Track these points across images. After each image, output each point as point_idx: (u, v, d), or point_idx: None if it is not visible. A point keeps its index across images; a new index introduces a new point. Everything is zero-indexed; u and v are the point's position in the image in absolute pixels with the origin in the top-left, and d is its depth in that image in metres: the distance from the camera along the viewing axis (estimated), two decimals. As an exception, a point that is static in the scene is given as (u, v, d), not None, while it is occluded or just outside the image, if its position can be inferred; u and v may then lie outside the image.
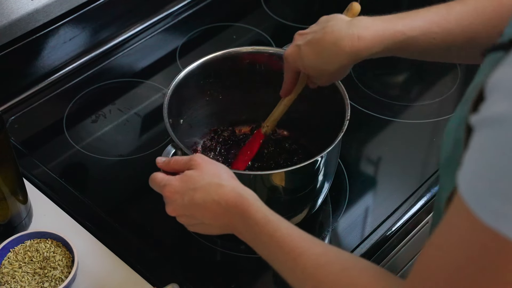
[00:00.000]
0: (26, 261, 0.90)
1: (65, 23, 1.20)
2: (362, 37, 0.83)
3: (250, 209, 0.73)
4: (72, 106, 1.19)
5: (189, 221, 0.80)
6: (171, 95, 0.96)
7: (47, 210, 1.00)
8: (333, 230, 1.00)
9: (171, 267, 0.95)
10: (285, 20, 1.37)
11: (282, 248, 0.69)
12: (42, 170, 1.07)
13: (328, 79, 0.91)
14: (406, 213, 1.02)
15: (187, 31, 1.34)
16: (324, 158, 0.90)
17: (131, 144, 1.13)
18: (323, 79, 0.90)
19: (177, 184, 0.78)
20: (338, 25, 0.85)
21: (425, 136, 1.15)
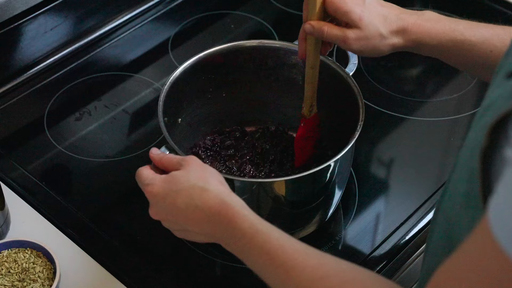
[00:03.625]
0: (3, 273, 0.90)
1: (46, 11, 1.20)
2: (421, 25, 0.86)
3: (236, 218, 0.73)
4: (53, 102, 1.19)
5: (173, 226, 0.81)
6: (168, 91, 0.96)
7: (26, 217, 1.00)
8: (341, 239, 1.00)
9: (163, 280, 0.95)
10: (288, 7, 1.37)
11: (273, 261, 0.69)
12: (21, 172, 1.07)
13: (368, 55, 0.91)
14: (421, 220, 1.02)
15: (180, 20, 1.34)
16: (337, 163, 0.90)
17: (119, 144, 1.13)
18: (363, 53, 0.91)
19: (160, 185, 0.79)
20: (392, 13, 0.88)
21: (442, 136, 1.15)
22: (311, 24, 0.88)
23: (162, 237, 0.97)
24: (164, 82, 1.01)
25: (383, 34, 0.87)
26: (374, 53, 0.90)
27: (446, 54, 0.88)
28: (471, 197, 0.54)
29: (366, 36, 0.87)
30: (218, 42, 1.05)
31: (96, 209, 1.04)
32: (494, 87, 0.57)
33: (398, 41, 0.88)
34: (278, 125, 1.09)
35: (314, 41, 0.90)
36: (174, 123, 1.00)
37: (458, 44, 0.86)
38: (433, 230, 0.69)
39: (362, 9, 0.86)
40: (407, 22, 0.87)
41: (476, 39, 0.86)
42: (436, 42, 0.87)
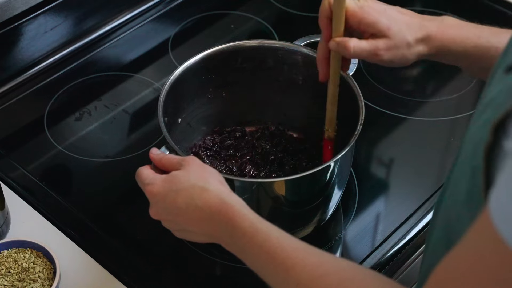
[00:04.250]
0: (3, 273, 0.90)
1: (46, 11, 1.20)
2: (445, 32, 0.84)
3: (236, 217, 0.73)
4: (53, 102, 1.19)
5: (173, 226, 0.81)
6: (168, 91, 0.96)
7: (26, 217, 1.00)
8: (341, 239, 1.00)
9: (164, 280, 0.95)
10: (289, 8, 1.37)
11: (273, 259, 0.69)
12: (21, 172, 1.07)
13: (396, 65, 0.89)
14: (421, 220, 1.02)
15: (180, 20, 1.34)
16: (337, 163, 0.90)
17: (119, 144, 1.13)
18: (393, 64, 0.88)
19: (160, 185, 0.79)
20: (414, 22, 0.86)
21: (442, 135, 1.15)
22: (336, 41, 0.84)
23: (162, 237, 0.97)
24: (164, 82, 1.01)
25: (410, 42, 0.84)
26: (401, 63, 0.87)
27: (469, 60, 0.86)
28: (474, 194, 0.54)
29: (396, 45, 0.84)
30: (218, 42, 1.05)
31: (96, 209, 1.04)
32: (493, 84, 0.57)
33: (423, 48, 0.86)
34: (278, 125, 1.09)
35: (339, 58, 0.87)
36: (174, 123, 1.00)
37: (484, 50, 0.84)
38: (433, 229, 0.69)
39: (387, 17, 0.84)
40: (430, 29, 0.85)
41: (502, 45, 0.84)
42: (461, 48, 0.84)
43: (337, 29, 0.84)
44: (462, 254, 0.51)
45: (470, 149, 0.56)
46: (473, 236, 0.50)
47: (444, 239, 0.63)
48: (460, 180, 0.58)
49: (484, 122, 0.53)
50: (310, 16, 0.95)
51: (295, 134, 1.08)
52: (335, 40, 0.85)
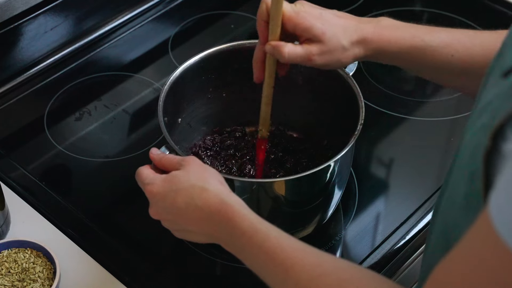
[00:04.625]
0: (3, 273, 0.90)
1: (46, 11, 1.20)
2: (381, 34, 0.85)
3: (235, 217, 0.73)
4: (53, 102, 1.19)
5: (172, 226, 0.81)
6: (168, 91, 0.96)
7: (26, 217, 1.00)
8: (341, 239, 1.00)
9: (164, 281, 0.95)
10: (288, 7, 1.37)
11: (272, 260, 0.69)
12: (21, 172, 1.07)
13: (330, 68, 0.89)
14: (421, 220, 1.02)
15: (180, 20, 1.34)
16: (337, 163, 0.90)
17: (119, 144, 1.13)
18: (326, 67, 0.88)
19: (160, 185, 0.79)
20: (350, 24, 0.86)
21: (442, 135, 1.15)
22: (272, 44, 0.84)
23: (162, 237, 0.97)
24: (164, 82, 1.01)
25: (345, 46, 0.84)
26: (336, 66, 0.87)
27: (407, 60, 0.87)
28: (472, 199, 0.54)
29: (330, 50, 0.84)
30: (218, 42, 1.05)
31: (96, 209, 1.04)
32: (489, 87, 0.57)
33: (359, 51, 0.86)
34: (278, 125, 1.09)
35: (274, 61, 0.88)
36: (174, 123, 1.00)
37: (419, 50, 0.85)
38: (432, 231, 0.69)
39: (322, 22, 0.84)
40: (366, 31, 0.85)
41: (437, 44, 0.84)
42: (396, 49, 0.85)
43: (273, 33, 0.84)
44: (461, 256, 0.52)
45: (467, 154, 0.56)
46: (473, 237, 0.50)
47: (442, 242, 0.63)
48: (458, 184, 0.58)
49: (481, 126, 0.53)
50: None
51: (295, 134, 1.08)
52: (271, 44, 0.85)
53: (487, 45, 0.84)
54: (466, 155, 0.56)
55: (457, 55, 0.84)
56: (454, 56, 0.84)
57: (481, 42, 0.84)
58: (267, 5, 0.84)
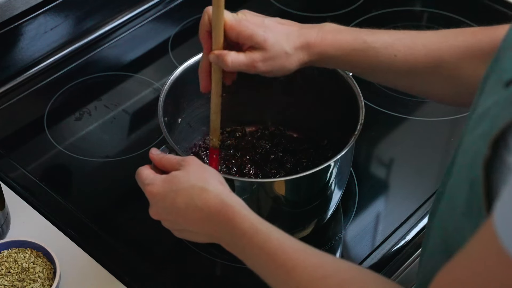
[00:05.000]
0: (3, 273, 0.90)
1: (46, 10, 1.20)
2: (323, 38, 0.85)
3: (236, 218, 0.73)
4: (53, 102, 1.19)
5: (173, 226, 0.81)
6: (168, 91, 0.96)
7: (26, 217, 1.00)
8: (341, 239, 1.00)
9: (164, 281, 0.95)
10: (288, 7, 1.37)
11: (274, 261, 0.69)
12: (21, 172, 1.07)
13: (274, 74, 0.89)
14: (421, 220, 1.02)
15: (180, 20, 1.34)
16: (337, 163, 0.90)
17: (119, 144, 1.13)
18: (271, 74, 0.88)
19: (160, 185, 0.79)
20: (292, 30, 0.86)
21: (442, 135, 1.15)
22: (216, 54, 0.85)
23: (162, 237, 0.97)
24: (164, 82, 1.01)
25: (288, 51, 0.85)
26: (281, 72, 0.87)
27: (351, 63, 0.87)
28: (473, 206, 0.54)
29: (273, 56, 0.84)
30: (218, 42, 1.05)
31: (96, 209, 1.04)
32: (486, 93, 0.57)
33: (303, 56, 0.86)
34: (278, 125, 1.09)
35: (220, 70, 0.87)
36: (174, 123, 1.00)
37: (362, 52, 0.85)
38: (429, 235, 0.69)
39: (264, 29, 0.84)
40: (309, 36, 0.85)
41: (379, 45, 0.85)
42: (340, 53, 0.85)
43: (216, 42, 0.85)
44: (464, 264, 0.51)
45: (467, 161, 0.56)
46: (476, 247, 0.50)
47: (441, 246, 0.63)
48: (458, 191, 0.58)
49: (481, 134, 0.53)
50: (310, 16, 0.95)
51: (295, 134, 1.08)
52: (214, 53, 0.85)
53: (429, 44, 0.84)
54: (466, 162, 0.56)
55: (399, 55, 0.84)
56: (397, 56, 0.84)
57: (423, 41, 0.85)
58: (209, 16, 0.84)
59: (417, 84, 0.88)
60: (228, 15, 0.84)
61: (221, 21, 0.83)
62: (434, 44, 0.84)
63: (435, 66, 0.84)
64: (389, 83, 0.92)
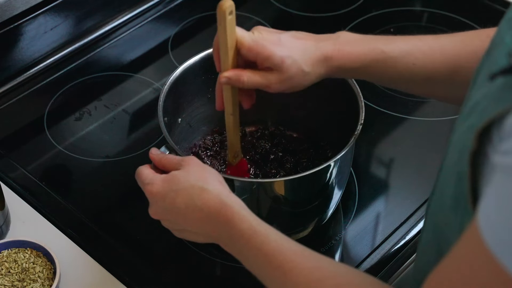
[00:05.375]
0: (3, 273, 0.90)
1: (46, 11, 1.20)
2: (341, 50, 0.84)
3: (235, 218, 0.73)
4: (53, 102, 1.19)
5: (172, 226, 0.81)
6: (168, 91, 0.96)
7: (26, 217, 1.00)
8: (341, 239, 1.00)
9: (163, 280, 0.95)
10: (289, 8, 1.37)
11: (271, 262, 0.69)
12: (21, 172, 1.07)
13: (291, 91, 0.88)
14: (421, 220, 1.02)
15: (180, 20, 1.34)
16: (337, 163, 0.90)
17: (119, 144, 1.13)
18: (287, 91, 0.87)
19: (160, 184, 0.79)
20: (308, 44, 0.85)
21: (442, 135, 1.15)
22: (226, 76, 0.83)
23: (162, 237, 0.97)
24: (164, 82, 1.01)
25: (305, 70, 0.83)
26: (297, 89, 0.86)
27: (370, 74, 0.87)
28: (460, 200, 0.54)
29: (289, 77, 0.83)
30: (218, 42, 1.05)
31: (96, 209, 1.04)
32: (476, 88, 0.57)
33: (320, 70, 0.85)
34: (278, 125, 1.09)
35: (231, 89, 0.87)
36: (174, 123, 1.00)
37: (380, 62, 0.84)
38: (423, 231, 0.70)
39: (281, 49, 0.82)
40: (326, 49, 0.84)
41: (397, 54, 0.84)
42: (359, 64, 0.85)
43: (226, 63, 0.83)
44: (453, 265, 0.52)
45: (455, 155, 0.56)
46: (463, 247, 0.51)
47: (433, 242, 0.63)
48: (446, 185, 0.58)
49: (469, 127, 0.53)
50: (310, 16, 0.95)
51: (295, 134, 1.08)
52: (226, 76, 0.84)
53: (446, 49, 0.84)
54: (454, 156, 0.56)
55: (418, 62, 0.84)
56: (415, 64, 0.84)
57: (440, 47, 0.84)
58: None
59: (435, 90, 0.88)
60: (244, 35, 0.83)
61: (227, 42, 0.82)
62: (451, 50, 0.84)
63: (453, 72, 0.83)
64: (407, 90, 0.92)
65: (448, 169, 0.58)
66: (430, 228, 0.64)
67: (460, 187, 0.54)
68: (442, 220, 0.59)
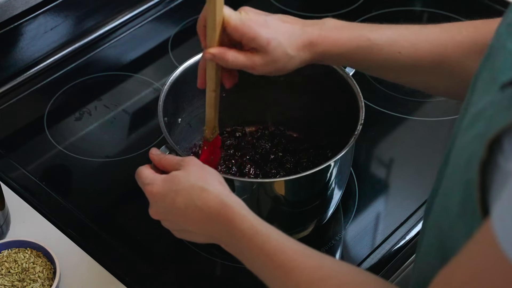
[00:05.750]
0: (3, 273, 0.90)
1: (46, 10, 1.20)
2: (326, 36, 0.84)
3: (235, 218, 0.73)
4: (53, 102, 1.19)
5: (172, 226, 0.81)
6: (168, 91, 0.96)
7: (26, 217, 1.00)
8: (341, 239, 1.00)
9: (163, 280, 0.95)
10: (288, 7, 1.37)
11: (272, 262, 0.69)
12: (21, 172, 1.07)
13: (274, 74, 0.88)
14: (421, 220, 1.02)
15: (180, 20, 1.34)
16: (337, 163, 0.90)
17: (119, 144, 1.13)
18: (270, 74, 0.87)
19: (160, 184, 0.79)
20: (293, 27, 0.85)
21: (442, 135, 1.15)
22: (212, 53, 0.83)
23: (162, 237, 0.97)
24: (164, 82, 1.01)
25: (290, 53, 0.83)
26: (281, 72, 0.86)
27: (354, 60, 0.86)
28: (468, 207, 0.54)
29: (274, 60, 0.83)
30: (218, 42, 1.05)
31: (96, 209, 1.04)
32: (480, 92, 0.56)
33: (305, 55, 0.85)
34: (278, 125, 1.09)
35: (215, 66, 0.86)
36: (174, 123, 1.00)
37: (366, 49, 0.84)
38: (423, 233, 0.69)
39: (267, 31, 0.82)
40: (312, 34, 0.84)
41: (383, 42, 0.84)
42: (343, 51, 0.84)
43: (212, 39, 0.83)
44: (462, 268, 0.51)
45: (462, 161, 0.55)
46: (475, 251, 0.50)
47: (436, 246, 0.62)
48: (452, 191, 0.57)
49: (476, 135, 0.53)
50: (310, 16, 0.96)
51: (295, 134, 1.08)
52: (210, 52, 0.83)
53: (433, 40, 0.84)
54: (461, 163, 0.56)
55: (403, 51, 0.84)
56: (401, 53, 0.84)
57: (427, 37, 0.84)
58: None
59: (420, 80, 0.88)
60: (231, 14, 0.83)
61: (215, 19, 0.81)
62: (437, 40, 0.84)
63: (439, 62, 0.83)
64: (395, 79, 0.91)
65: (453, 176, 0.58)
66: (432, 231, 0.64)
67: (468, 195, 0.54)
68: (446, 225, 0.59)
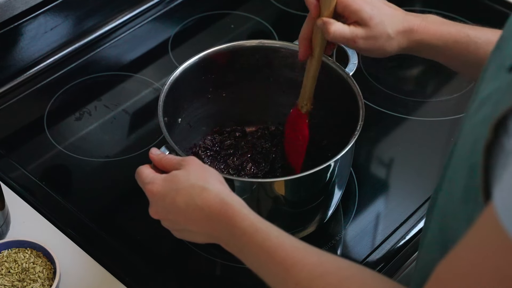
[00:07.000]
0: (3, 273, 0.90)
1: (46, 11, 1.20)
2: (427, 27, 0.87)
3: (236, 217, 0.73)
4: (53, 102, 1.19)
5: (172, 225, 0.81)
6: (168, 91, 0.96)
7: (26, 217, 1.00)
8: (341, 239, 1.00)
9: (164, 281, 0.95)
10: (288, 7, 1.37)
11: (273, 259, 0.69)
12: (21, 172, 1.07)
13: (373, 55, 0.90)
14: (421, 220, 1.02)
15: (180, 20, 1.34)
16: (337, 163, 0.90)
17: (119, 144, 1.13)
18: (369, 53, 0.90)
19: (160, 184, 0.79)
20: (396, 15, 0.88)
21: (442, 135, 1.15)
22: (324, 20, 0.86)
23: (162, 237, 0.96)
24: (164, 82, 1.02)
25: (390, 34, 0.87)
26: (379, 53, 0.89)
27: (449, 56, 0.88)
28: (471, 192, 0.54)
29: (375, 36, 0.86)
30: (218, 42, 1.05)
31: (96, 209, 1.04)
32: (487, 79, 0.57)
33: (403, 41, 0.88)
34: (278, 125, 1.09)
35: (322, 36, 0.89)
36: (174, 123, 1.00)
37: (463, 45, 0.86)
38: (427, 228, 0.69)
39: (371, 7, 0.86)
40: (413, 22, 0.87)
41: (482, 41, 0.86)
42: (441, 43, 0.87)
43: (327, 9, 0.86)
44: (464, 252, 0.51)
45: (467, 147, 0.56)
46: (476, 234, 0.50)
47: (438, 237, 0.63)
48: (456, 178, 0.58)
49: (483, 119, 0.53)
50: (310, 16, 0.97)
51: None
52: (323, 19, 0.87)
53: None
54: (466, 148, 0.56)
55: None
56: None
57: None
58: None
59: None
60: None
61: None
62: None
63: None
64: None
65: (458, 162, 0.58)
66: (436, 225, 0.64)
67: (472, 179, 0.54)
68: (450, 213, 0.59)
